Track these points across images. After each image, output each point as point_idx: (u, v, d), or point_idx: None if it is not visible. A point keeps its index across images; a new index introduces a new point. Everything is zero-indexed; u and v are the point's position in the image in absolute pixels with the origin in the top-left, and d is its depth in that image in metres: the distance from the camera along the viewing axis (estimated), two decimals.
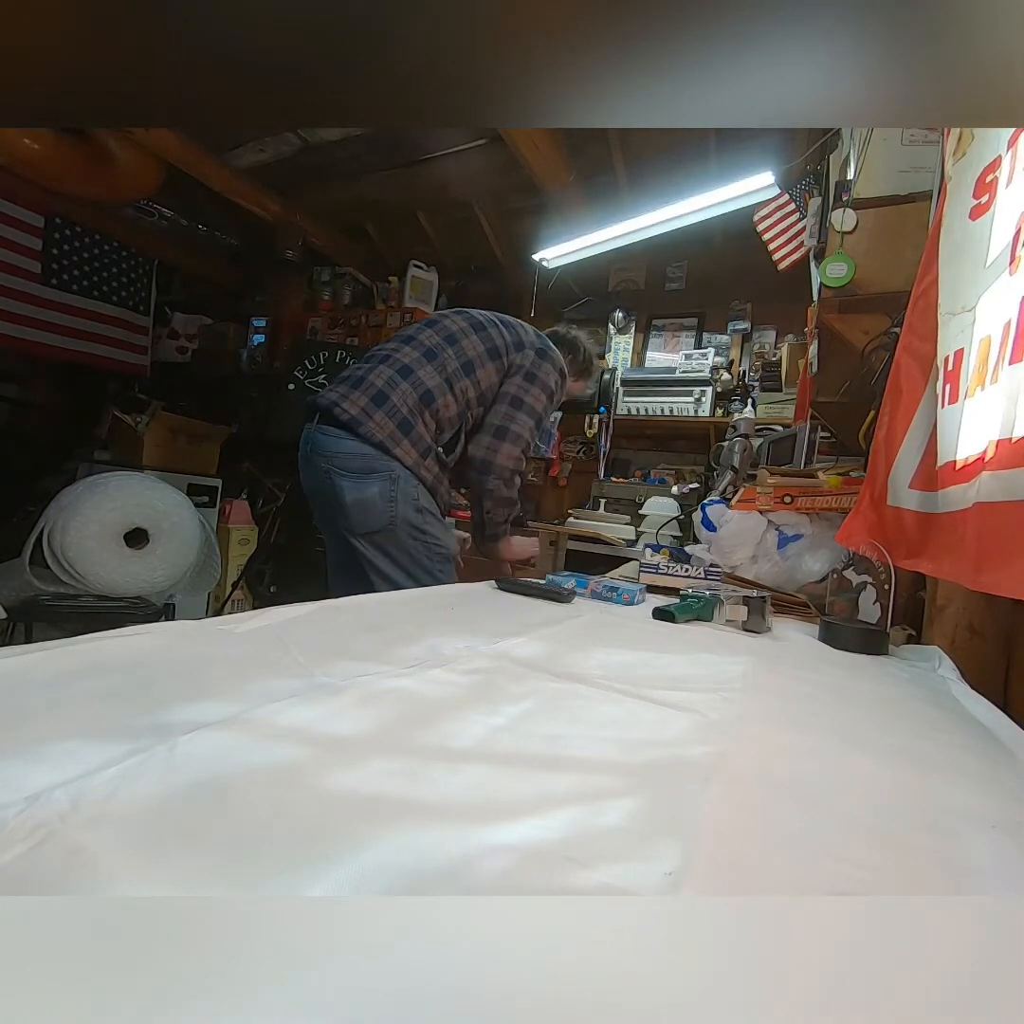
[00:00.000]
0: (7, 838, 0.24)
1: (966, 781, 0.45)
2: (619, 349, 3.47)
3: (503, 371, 1.50)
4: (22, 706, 0.38)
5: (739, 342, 3.21)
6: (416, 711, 0.46)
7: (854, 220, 1.36)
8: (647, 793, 0.36)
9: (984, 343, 0.80)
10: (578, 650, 0.74)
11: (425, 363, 1.45)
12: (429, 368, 1.44)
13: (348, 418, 1.39)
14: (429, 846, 0.28)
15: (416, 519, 1.42)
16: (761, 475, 1.50)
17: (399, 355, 1.47)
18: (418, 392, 1.42)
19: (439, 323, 1.54)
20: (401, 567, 1.42)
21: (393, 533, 1.40)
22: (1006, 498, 0.67)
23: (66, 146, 2.76)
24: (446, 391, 1.44)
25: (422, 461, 1.43)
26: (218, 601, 3.28)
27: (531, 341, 1.54)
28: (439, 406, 1.43)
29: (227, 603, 3.24)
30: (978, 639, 0.88)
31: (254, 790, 0.31)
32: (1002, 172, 0.82)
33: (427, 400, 1.42)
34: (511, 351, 1.51)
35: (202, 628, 0.61)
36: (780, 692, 0.69)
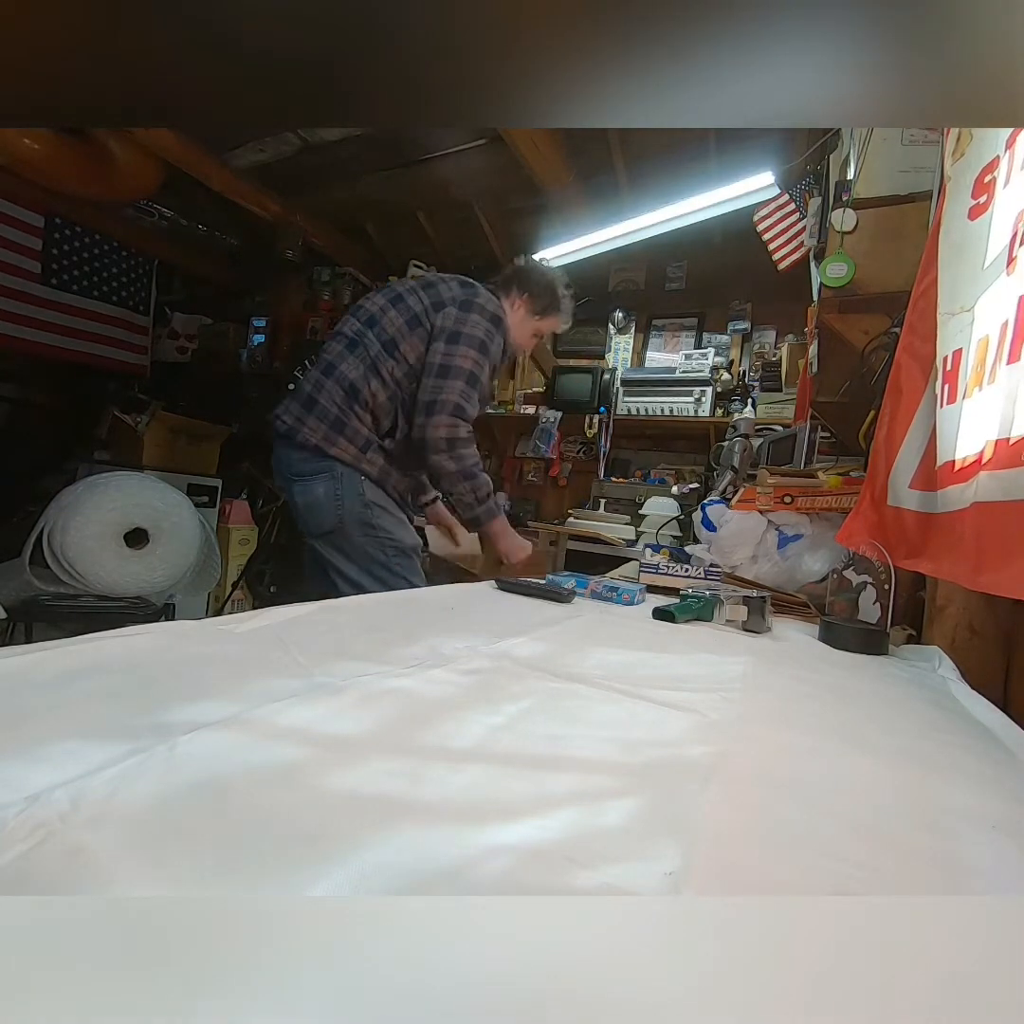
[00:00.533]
0: (7, 838, 0.24)
1: (966, 781, 0.45)
2: (619, 349, 3.47)
3: (427, 338, 1.44)
4: (22, 706, 0.38)
5: (739, 342, 3.21)
6: (416, 711, 0.46)
7: (854, 220, 1.36)
8: (647, 793, 0.36)
9: (982, 343, 0.80)
10: (578, 650, 0.74)
11: (347, 355, 1.43)
12: (351, 359, 1.43)
13: (286, 429, 1.43)
14: (429, 846, 0.28)
15: (365, 515, 1.41)
16: (761, 475, 1.50)
17: (325, 353, 1.47)
18: (343, 387, 1.41)
19: (361, 307, 1.52)
20: (359, 566, 1.43)
21: (344, 531, 1.41)
22: (1004, 498, 0.67)
23: (66, 146, 2.76)
24: (371, 378, 1.41)
25: (363, 456, 1.42)
26: (218, 601, 3.28)
27: (453, 296, 1.47)
28: (366, 396, 1.41)
29: (227, 603, 3.24)
30: (978, 639, 0.88)
31: (254, 790, 0.31)
32: (1000, 172, 0.82)
33: (353, 393, 1.41)
34: (431, 314, 1.45)
35: (202, 628, 0.61)
36: (780, 692, 0.69)
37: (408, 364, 1.43)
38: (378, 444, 1.45)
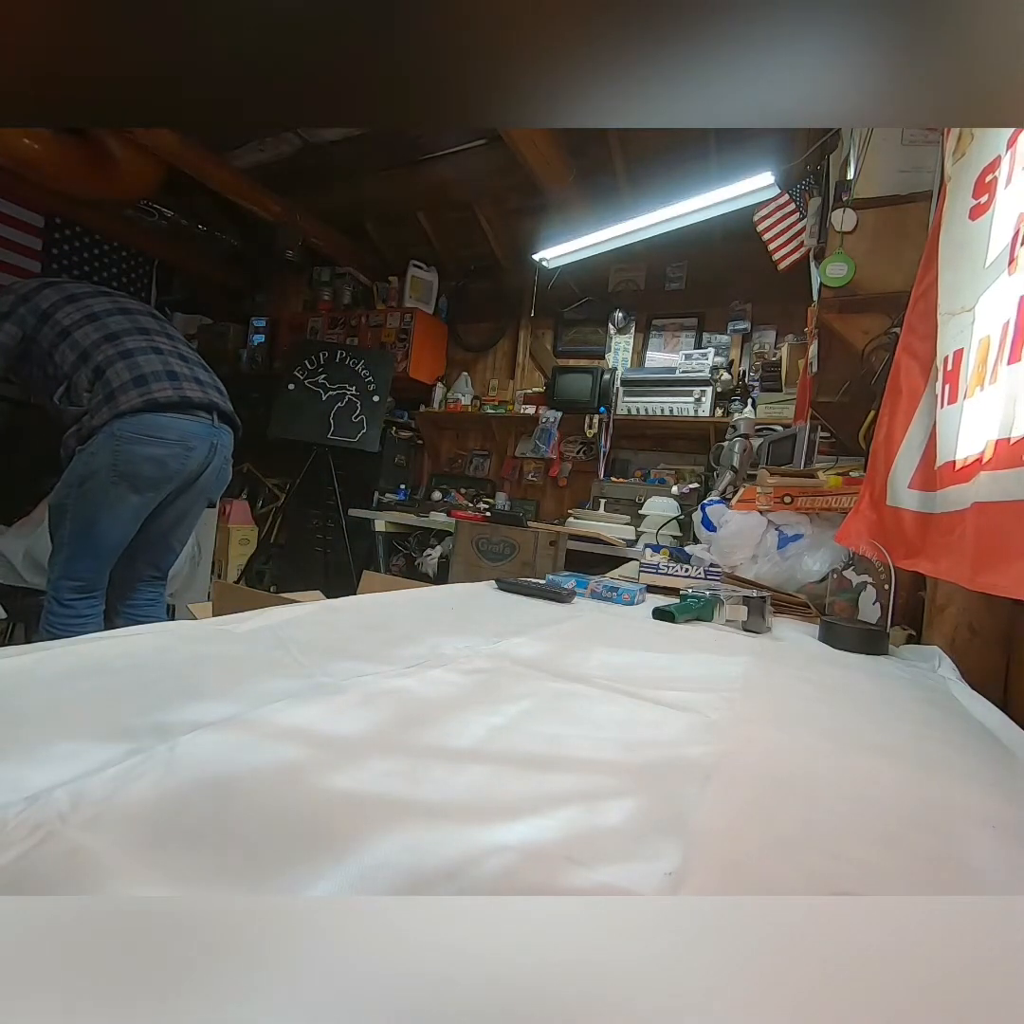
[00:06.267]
0: (7, 838, 0.24)
1: (966, 781, 0.45)
2: (619, 349, 3.47)
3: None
4: (22, 706, 0.38)
5: (739, 342, 3.21)
6: (416, 711, 0.46)
7: (854, 220, 1.36)
8: (647, 793, 0.36)
9: (983, 343, 0.80)
10: (578, 650, 0.73)
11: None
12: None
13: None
14: (429, 846, 0.28)
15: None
16: (761, 475, 1.51)
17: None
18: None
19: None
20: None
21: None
22: (1004, 498, 0.67)
23: (66, 146, 2.76)
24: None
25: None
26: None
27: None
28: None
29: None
30: (978, 639, 0.88)
31: (254, 790, 0.31)
32: (1001, 172, 0.82)
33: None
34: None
35: (202, 628, 0.61)
36: (780, 692, 0.68)
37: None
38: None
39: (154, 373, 1.57)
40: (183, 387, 1.61)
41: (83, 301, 1.61)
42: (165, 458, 1.57)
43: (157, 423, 1.55)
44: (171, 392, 1.57)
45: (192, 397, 1.62)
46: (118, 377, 1.53)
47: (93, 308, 1.61)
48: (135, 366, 1.56)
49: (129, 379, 1.54)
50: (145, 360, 1.58)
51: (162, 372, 1.59)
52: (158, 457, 1.56)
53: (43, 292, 1.60)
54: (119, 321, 1.62)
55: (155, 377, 1.57)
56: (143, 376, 1.55)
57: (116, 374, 1.53)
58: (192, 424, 1.62)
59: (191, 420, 1.63)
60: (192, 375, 1.67)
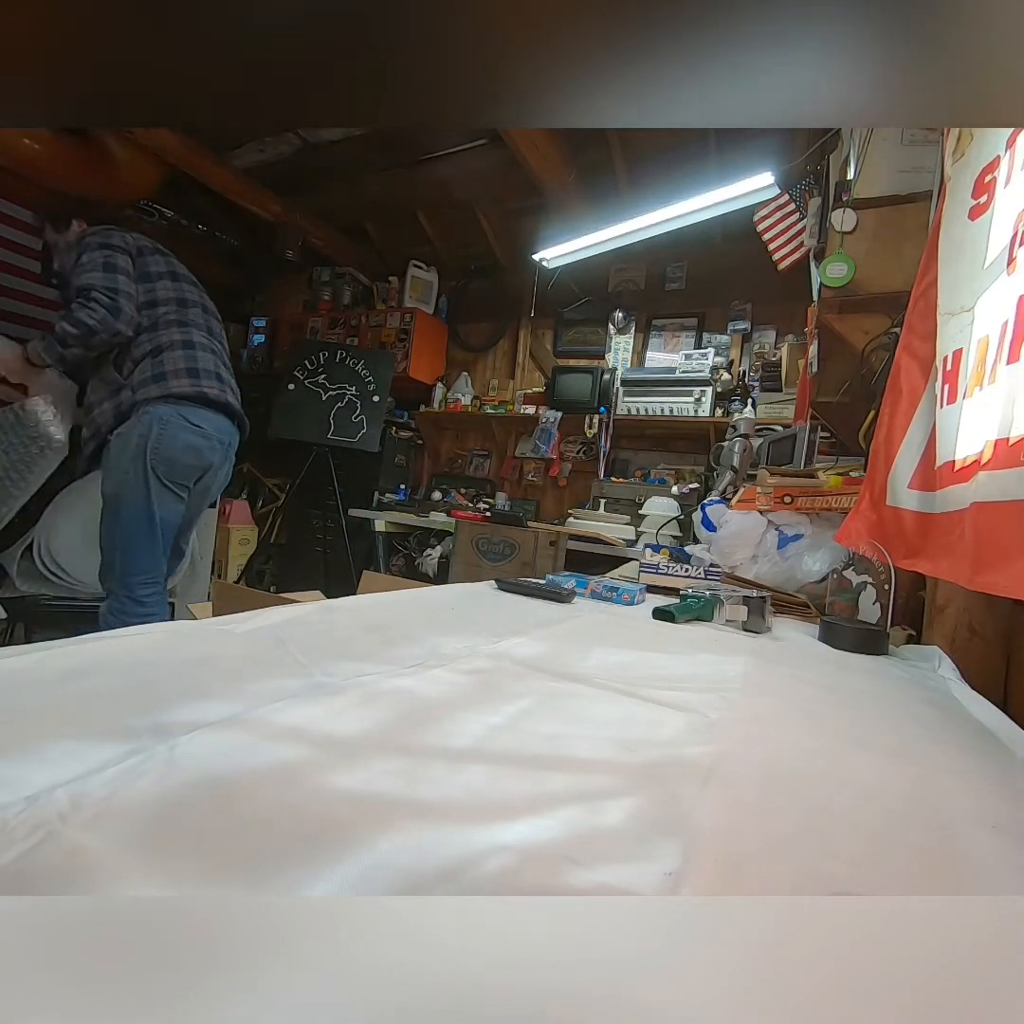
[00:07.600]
0: (7, 838, 0.24)
1: (966, 781, 0.45)
2: (619, 349, 3.47)
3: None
4: (22, 706, 0.38)
5: (739, 342, 3.21)
6: (416, 711, 0.46)
7: (854, 220, 1.36)
8: (647, 793, 0.36)
9: (982, 343, 0.80)
10: (578, 650, 0.73)
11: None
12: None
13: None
14: (429, 846, 0.28)
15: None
16: (761, 475, 1.51)
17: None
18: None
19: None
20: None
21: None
22: (1003, 498, 0.67)
23: (66, 146, 2.76)
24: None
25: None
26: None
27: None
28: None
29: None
30: (978, 639, 0.88)
31: (254, 790, 0.31)
32: (1000, 172, 0.82)
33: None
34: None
35: (202, 628, 0.61)
36: (780, 692, 0.68)
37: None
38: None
39: (206, 371, 1.73)
40: (226, 391, 1.79)
41: (180, 283, 1.78)
42: (203, 449, 1.71)
43: (201, 414, 1.70)
44: (217, 392, 1.74)
45: (232, 403, 1.81)
46: (173, 363, 1.67)
47: (184, 294, 1.78)
48: (192, 359, 1.70)
49: (184, 367, 1.67)
50: (203, 356, 1.74)
51: (212, 372, 1.75)
52: (197, 447, 1.69)
53: (153, 257, 1.76)
54: (196, 314, 1.79)
55: (207, 375, 1.73)
56: (197, 370, 1.71)
57: (173, 360, 1.67)
58: (224, 422, 1.78)
59: (224, 418, 1.79)
60: (229, 382, 1.83)
